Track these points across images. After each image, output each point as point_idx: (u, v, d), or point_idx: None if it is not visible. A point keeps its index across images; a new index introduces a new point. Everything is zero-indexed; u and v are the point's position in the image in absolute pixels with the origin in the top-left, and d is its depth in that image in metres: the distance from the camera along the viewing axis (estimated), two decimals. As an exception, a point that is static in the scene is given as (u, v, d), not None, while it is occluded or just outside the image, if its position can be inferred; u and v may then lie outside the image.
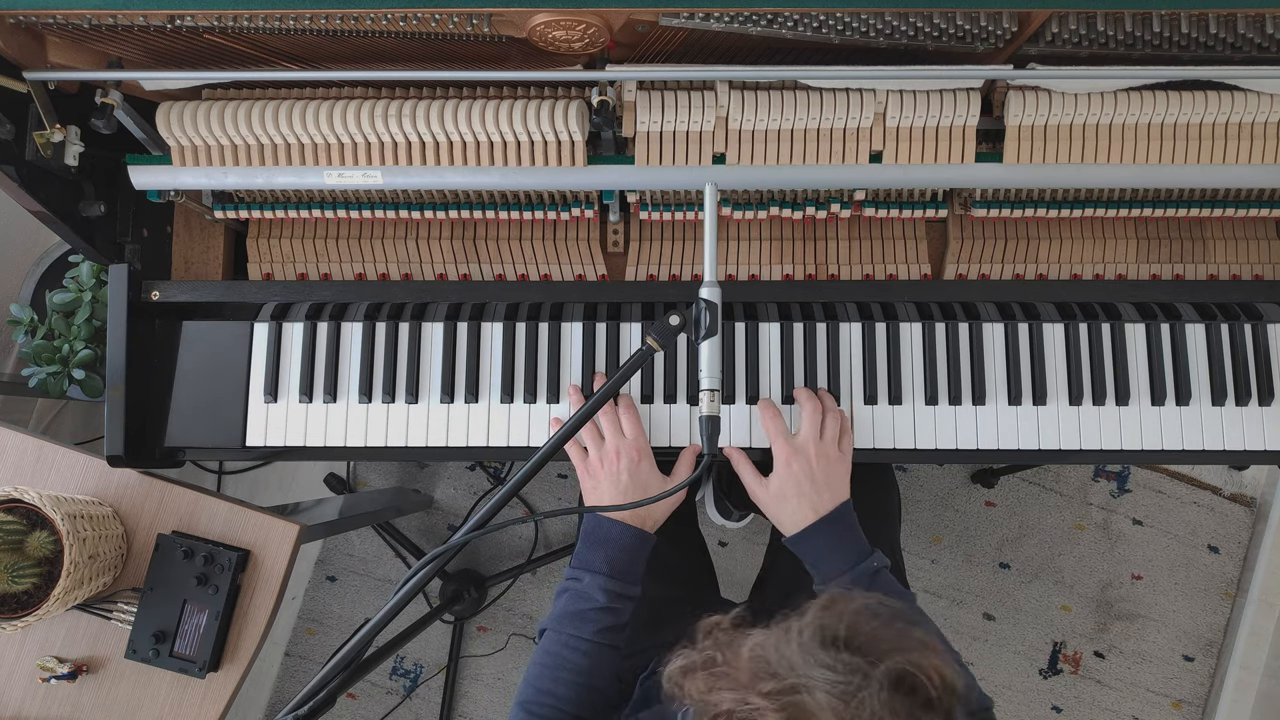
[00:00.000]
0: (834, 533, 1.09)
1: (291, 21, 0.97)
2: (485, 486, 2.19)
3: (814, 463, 1.11)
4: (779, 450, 1.12)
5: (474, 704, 2.12)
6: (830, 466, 1.11)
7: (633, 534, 1.09)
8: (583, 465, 1.15)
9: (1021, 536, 2.12)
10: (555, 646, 1.05)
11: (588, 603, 1.06)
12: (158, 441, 1.23)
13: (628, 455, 1.13)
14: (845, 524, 1.09)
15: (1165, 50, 1.01)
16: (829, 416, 1.15)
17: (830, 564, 1.07)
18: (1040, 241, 1.24)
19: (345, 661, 0.87)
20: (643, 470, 1.12)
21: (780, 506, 1.11)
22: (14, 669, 1.24)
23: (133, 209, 1.23)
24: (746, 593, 1.46)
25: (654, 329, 1.04)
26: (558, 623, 1.07)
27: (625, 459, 1.12)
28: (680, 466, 1.16)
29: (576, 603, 1.07)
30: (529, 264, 1.26)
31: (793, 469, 1.11)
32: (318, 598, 2.17)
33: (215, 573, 1.21)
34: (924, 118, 1.07)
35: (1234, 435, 1.20)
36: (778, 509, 1.11)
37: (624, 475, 1.12)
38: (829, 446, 1.13)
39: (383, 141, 1.10)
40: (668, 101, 1.08)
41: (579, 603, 1.06)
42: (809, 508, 1.09)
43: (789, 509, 1.10)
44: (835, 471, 1.11)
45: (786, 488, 1.11)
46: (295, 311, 1.24)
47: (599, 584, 1.06)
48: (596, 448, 1.15)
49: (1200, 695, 2.09)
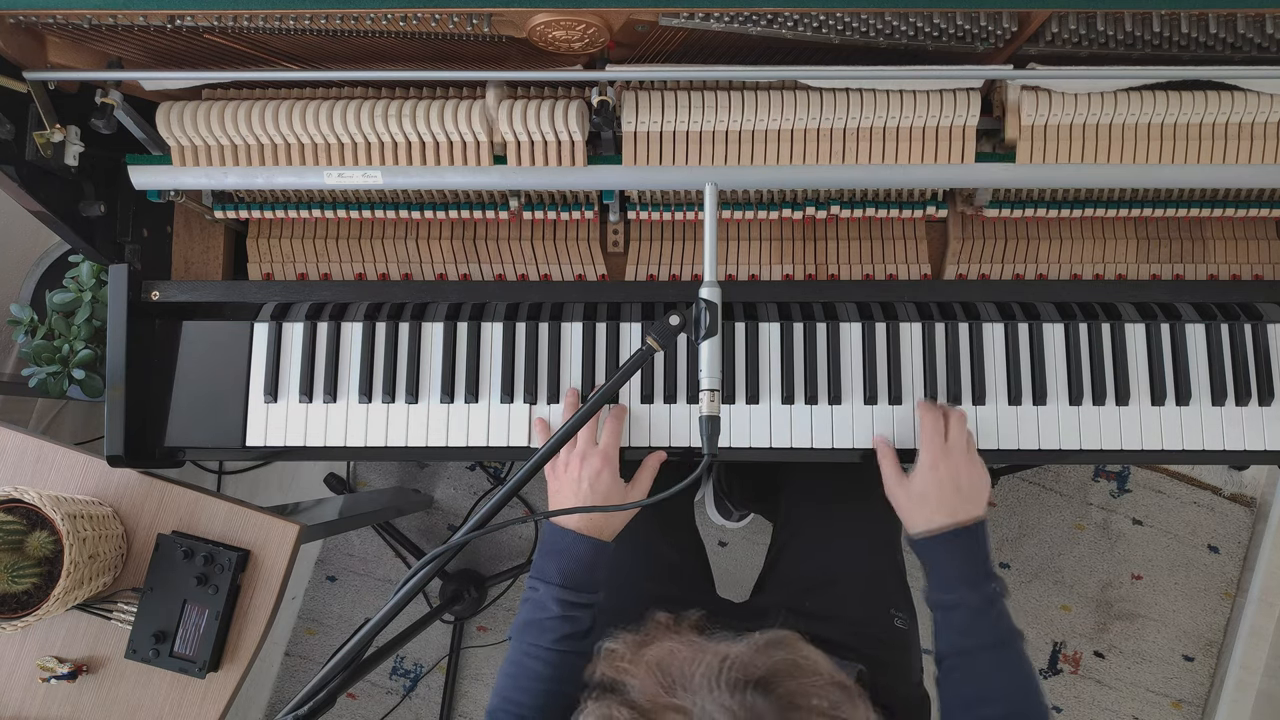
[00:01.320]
0: (965, 547, 1.07)
1: (291, 21, 0.97)
2: (485, 486, 2.19)
3: (961, 470, 1.10)
4: (929, 451, 1.12)
5: (474, 704, 2.12)
6: (975, 477, 1.11)
7: (587, 544, 1.09)
8: (549, 467, 1.15)
9: (1021, 536, 2.12)
10: (518, 656, 1.06)
11: (544, 612, 1.06)
12: (158, 441, 1.23)
13: (591, 464, 1.12)
14: (980, 541, 1.08)
15: (1165, 50, 1.01)
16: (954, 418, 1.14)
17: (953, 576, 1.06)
18: (1040, 241, 1.24)
19: (345, 661, 0.87)
20: (603, 480, 1.12)
21: (918, 507, 1.10)
22: (14, 669, 1.24)
23: (133, 209, 1.23)
24: (747, 593, 1.46)
25: (654, 329, 1.04)
26: (519, 632, 1.07)
27: (589, 467, 1.12)
28: (641, 476, 1.16)
29: (534, 612, 1.07)
30: (529, 264, 1.26)
31: (939, 472, 1.10)
32: (318, 598, 2.17)
33: (215, 573, 1.21)
34: (924, 118, 1.07)
35: (1234, 435, 1.20)
36: (915, 508, 1.10)
37: (584, 483, 1.12)
38: (975, 457, 1.12)
39: (383, 141, 1.10)
40: (667, 101, 1.08)
41: (536, 612, 1.07)
42: (946, 513, 1.08)
43: (923, 510, 1.09)
44: (979, 483, 1.11)
45: (929, 490, 1.10)
46: (295, 311, 1.24)
47: (553, 594, 1.06)
48: (566, 450, 1.15)
49: (1200, 695, 2.09)
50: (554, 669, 1.04)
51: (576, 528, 1.09)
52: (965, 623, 1.04)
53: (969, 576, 1.06)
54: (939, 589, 1.07)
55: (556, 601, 1.06)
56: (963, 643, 1.03)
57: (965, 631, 1.04)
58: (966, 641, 1.03)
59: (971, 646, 1.03)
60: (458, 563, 2.15)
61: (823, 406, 1.22)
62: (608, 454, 1.14)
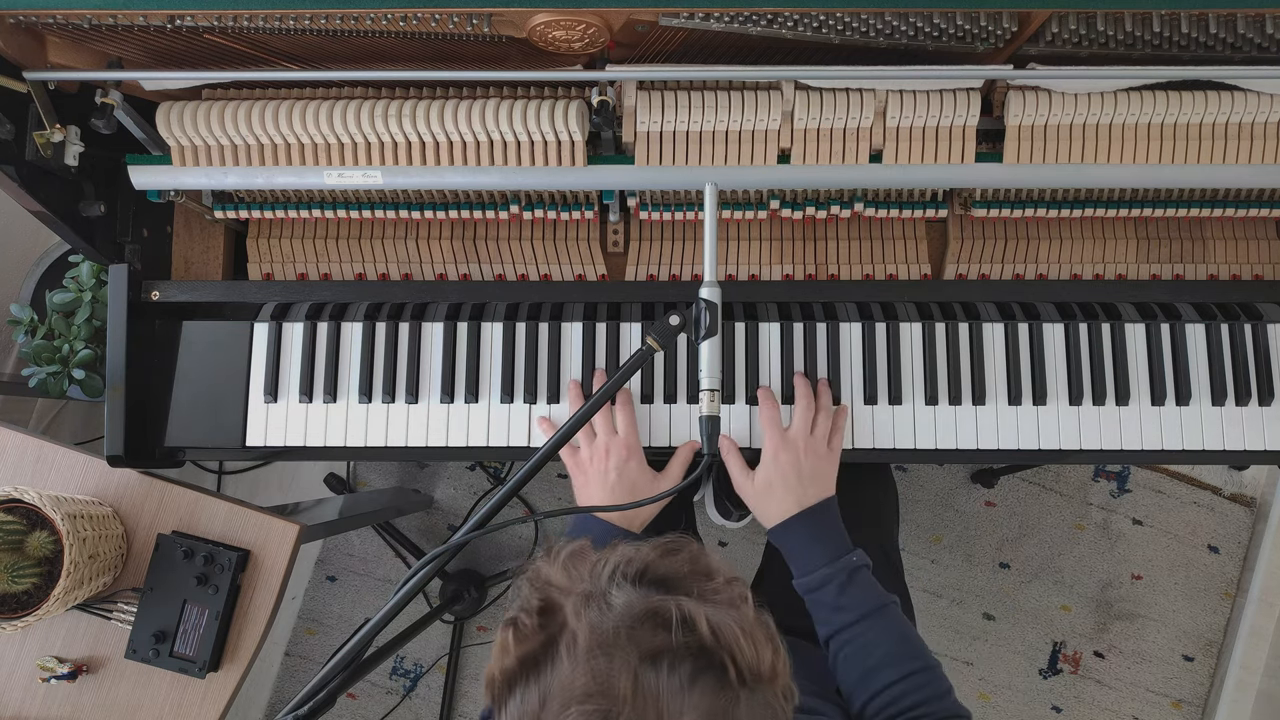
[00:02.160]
0: (815, 526, 1.08)
1: (291, 21, 0.97)
2: (485, 486, 2.19)
3: (802, 456, 1.11)
4: (769, 441, 1.13)
5: (474, 704, 2.12)
6: (818, 462, 1.12)
7: (616, 534, 1.09)
8: (573, 461, 1.15)
9: (1021, 536, 2.12)
10: None
11: None
12: (158, 441, 1.23)
13: (617, 453, 1.13)
14: (827, 519, 1.09)
15: (1165, 50, 1.01)
16: (821, 414, 1.15)
17: (809, 558, 1.07)
18: (1040, 241, 1.24)
19: (345, 661, 0.87)
20: (631, 469, 1.12)
21: (765, 497, 1.11)
22: (14, 669, 1.24)
23: (133, 209, 1.23)
24: (746, 593, 1.46)
25: (654, 329, 1.04)
26: None
27: (614, 456, 1.13)
28: (674, 465, 1.16)
29: None
30: (529, 264, 1.26)
31: (780, 460, 1.11)
32: (318, 598, 2.17)
33: (215, 573, 1.21)
34: (924, 118, 1.07)
35: (1234, 435, 1.20)
36: (763, 500, 1.11)
37: (612, 473, 1.12)
38: (818, 443, 1.13)
39: (383, 141, 1.10)
40: (668, 101, 1.08)
41: None
42: (793, 500, 1.09)
43: (774, 500, 1.10)
44: (822, 467, 1.12)
45: (773, 478, 1.11)
46: (295, 311, 1.24)
47: None
48: (588, 443, 1.15)
49: (1200, 695, 2.09)
50: None
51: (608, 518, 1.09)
52: (833, 599, 1.04)
53: (825, 554, 1.06)
54: (801, 573, 1.07)
55: None
56: (838, 620, 1.03)
57: (836, 608, 1.04)
58: (841, 618, 1.03)
59: (847, 622, 1.03)
60: (458, 563, 2.15)
61: (823, 406, 1.22)
62: (630, 441, 1.14)
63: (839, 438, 1.16)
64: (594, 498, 1.13)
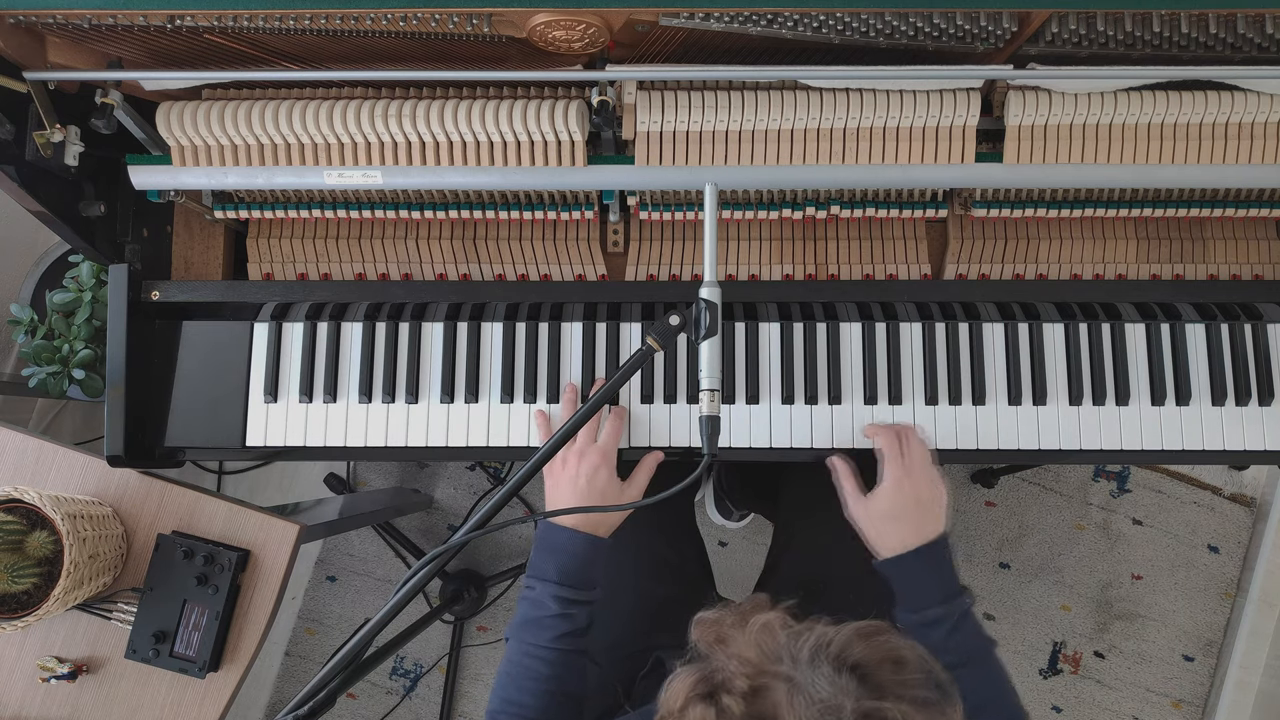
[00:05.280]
0: (933, 562, 1.07)
1: (291, 21, 0.97)
2: (485, 486, 2.19)
3: (923, 486, 1.09)
4: (892, 469, 1.10)
5: (474, 704, 2.12)
6: (935, 493, 1.10)
7: (583, 541, 1.09)
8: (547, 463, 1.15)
9: (1021, 536, 2.12)
10: (516, 655, 1.05)
11: (542, 610, 1.06)
12: (158, 441, 1.23)
13: (589, 460, 1.13)
14: (944, 555, 1.08)
15: (1165, 50, 1.01)
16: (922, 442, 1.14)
17: (924, 594, 1.05)
18: (1040, 241, 1.24)
19: (345, 661, 0.87)
20: (600, 477, 1.12)
21: (884, 526, 1.09)
22: (14, 669, 1.24)
23: (133, 209, 1.23)
24: (747, 592, 1.46)
25: (654, 329, 1.04)
26: (517, 631, 1.07)
27: (586, 463, 1.12)
28: (638, 474, 1.16)
29: (532, 610, 1.07)
30: (529, 264, 1.26)
31: (904, 489, 1.09)
32: (318, 598, 2.17)
33: (215, 573, 1.21)
34: (924, 118, 1.07)
35: (1234, 435, 1.20)
36: (880, 528, 1.09)
37: (582, 480, 1.12)
38: (936, 473, 1.12)
39: (383, 141, 1.10)
40: (668, 101, 1.08)
41: (534, 610, 1.07)
42: (912, 532, 1.07)
43: (893, 530, 1.08)
44: (939, 499, 1.10)
45: (896, 509, 1.09)
46: (295, 311, 1.24)
47: (550, 592, 1.06)
48: (566, 447, 1.15)
49: (1200, 695, 2.09)
50: (553, 668, 1.04)
51: (574, 525, 1.09)
52: (942, 640, 1.03)
53: (941, 593, 1.05)
54: (912, 609, 1.06)
55: (554, 599, 1.06)
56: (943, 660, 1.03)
57: (944, 649, 1.02)
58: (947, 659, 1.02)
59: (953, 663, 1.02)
60: (458, 563, 2.15)
61: (823, 406, 1.22)
62: (605, 451, 1.14)
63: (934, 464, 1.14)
64: (562, 501, 1.12)
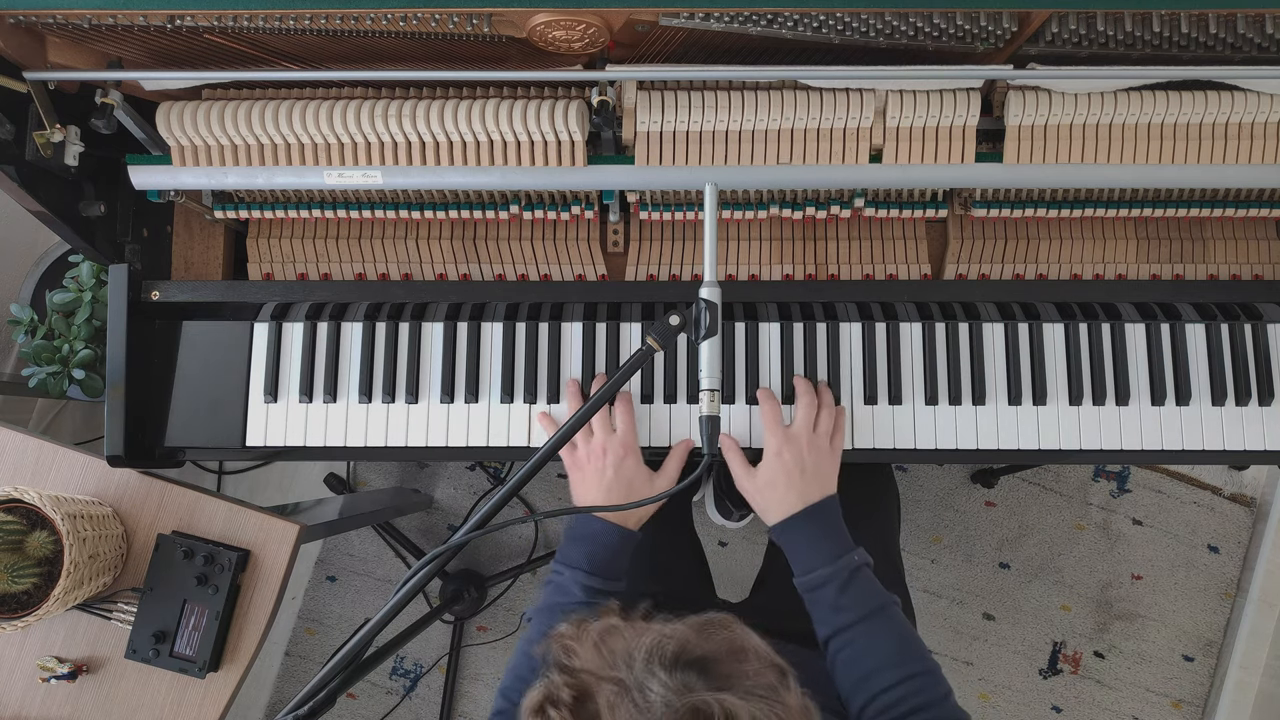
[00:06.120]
0: (818, 525, 1.08)
1: (291, 21, 0.97)
2: (485, 486, 2.19)
3: (805, 453, 1.11)
4: (771, 438, 1.12)
5: (474, 704, 2.12)
6: (820, 459, 1.11)
7: (614, 531, 1.09)
8: (570, 459, 1.15)
9: (1021, 536, 2.12)
10: (536, 637, 1.05)
11: (567, 597, 1.07)
12: (158, 441, 1.23)
13: (614, 451, 1.13)
14: (830, 517, 1.09)
15: (1165, 50, 1.01)
16: (824, 411, 1.15)
17: (811, 557, 1.06)
18: (1040, 241, 1.25)
19: (345, 661, 0.87)
20: (628, 467, 1.12)
21: (768, 495, 1.11)
22: (14, 669, 1.24)
23: (133, 209, 1.23)
24: (747, 592, 1.46)
25: (654, 329, 1.04)
26: (540, 614, 1.08)
27: (612, 455, 1.13)
28: (669, 464, 1.16)
29: (558, 595, 1.08)
30: (529, 264, 1.26)
31: (783, 458, 1.10)
32: (318, 598, 2.17)
33: (215, 573, 1.21)
34: (924, 118, 1.07)
35: (1234, 435, 1.20)
36: (765, 497, 1.11)
37: (609, 471, 1.12)
38: (821, 439, 1.13)
39: (383, 141, 1.10)
40: (668, 101, 1.08)
41: (560, 596, 1.07)
42: (796, 497, 1.09)
43: (775, 497, 1.10)
44: (825, 465, 1.11)
45: (776, 476, 1.10)
46: (295, 311, 1.24)
47: (578, 580, 1.07)
48: (585, 442, 1.15)
49: (1200, 695, 2.09)
50: None
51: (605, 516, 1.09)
52: (833, 599, 1.03)
53: (827, 553, 1.06)
54: (802, 572, 1.07)
55: (582, 587, 1.06)
56: (837, 620, 1.03)
57: (836, 608, 1.03)
58: (840, 618, 1.03)
59: (847, 623, 1.02)
60: (458, 563, 2.15)
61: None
62: (627, 440, 1.14)
63: (840, 437, 1.16)
64: (591, 496, 1.13)
